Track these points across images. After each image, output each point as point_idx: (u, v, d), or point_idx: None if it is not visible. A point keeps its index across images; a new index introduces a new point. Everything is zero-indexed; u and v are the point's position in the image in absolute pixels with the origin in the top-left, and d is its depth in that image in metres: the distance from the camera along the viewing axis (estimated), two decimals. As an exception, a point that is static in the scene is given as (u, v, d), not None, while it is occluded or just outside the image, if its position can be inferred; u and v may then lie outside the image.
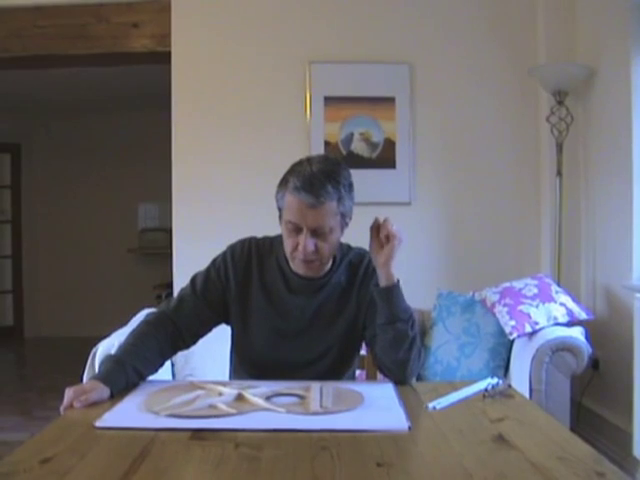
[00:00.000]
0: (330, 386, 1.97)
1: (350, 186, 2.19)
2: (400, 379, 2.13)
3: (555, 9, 4.76)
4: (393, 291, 2.14)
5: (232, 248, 2.36)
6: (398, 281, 2.16)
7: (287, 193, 2.14)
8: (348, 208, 2.19)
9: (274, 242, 2.36)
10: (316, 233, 2.12)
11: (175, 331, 2.24)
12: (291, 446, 1.51)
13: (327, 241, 2.15)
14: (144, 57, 5.06)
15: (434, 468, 1.44)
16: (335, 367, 2.33)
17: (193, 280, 2.35)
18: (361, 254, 2.37)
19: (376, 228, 2.15)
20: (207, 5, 4.85)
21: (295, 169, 2.16)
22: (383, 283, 2.15)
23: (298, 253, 2.15)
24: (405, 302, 2.18)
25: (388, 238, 2.10)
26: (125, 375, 1.99)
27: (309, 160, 2.17)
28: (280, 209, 2.21)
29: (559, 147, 4.53)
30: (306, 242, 2.11)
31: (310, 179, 2.08)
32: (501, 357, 3.98)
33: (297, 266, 2.21)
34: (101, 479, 1.34)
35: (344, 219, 2.20)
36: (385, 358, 2.17)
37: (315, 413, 1.73)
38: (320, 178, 2.09)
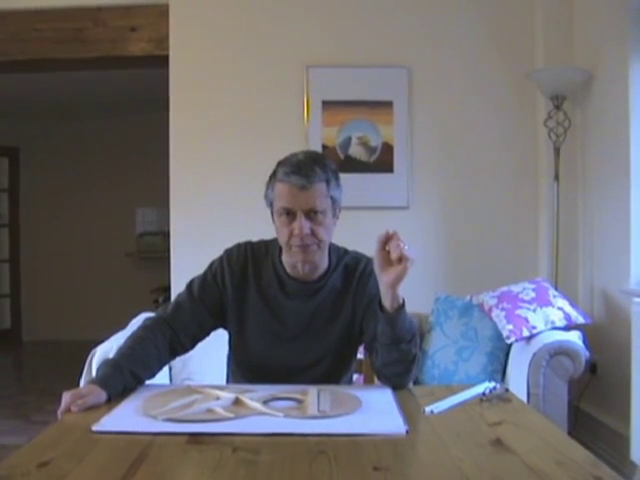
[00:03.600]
0: (328, 390, 1.97)
1: (336, 173, 2.24)
2: (398, 387, 2.12)
3: (553, 13, 4.77)
4: (399, 315, 2.06)
5: (228, 252, 2.37)
6: (404, 301, 2.08)
7: (276, 182, 2.18)
8: (337, 195, 2.24)
9: (269, 246, 2.37)
10: (309, 216, 2.15)
11: (173, 336, 2.24)
12: (289, 450, 1.51)
13: (321, 224, 2.17)
14: (142, 61, 5.07)
15: (432, 472, 1.44)
16: (332, 371, 2.33)
17: (190, 285, 2.36)
18: (357, 258, 2.37)
19: (384, 242, 2.02)
20: (205, 9, 4.86)
21: (281, 162, 2.21)
22: (388, 305, 2.06)
23: (294, 238, 2.16)
24: (409, 320, 2.11)
25: (400, 259, 1.98)
26: (122, 379, 1.99)
27: (294, 153, 2.21)
28: (271, 203, 2.24)
29: (557, 151, 4.54)
30: (301, 223, 2.13)
31: (298, 164, 2.15)
32: (499, 361, 3.98)
33: (294, 256, 2.20)
34: (98, 483, 1.35)
35: (335, 205, 2.23)
36: (386, 371, 2.14)
37: (313, 417, 1.73)
38: (307, 162, 2.16)
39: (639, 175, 4.03)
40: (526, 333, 3.83)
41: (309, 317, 2.28)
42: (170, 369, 3.67)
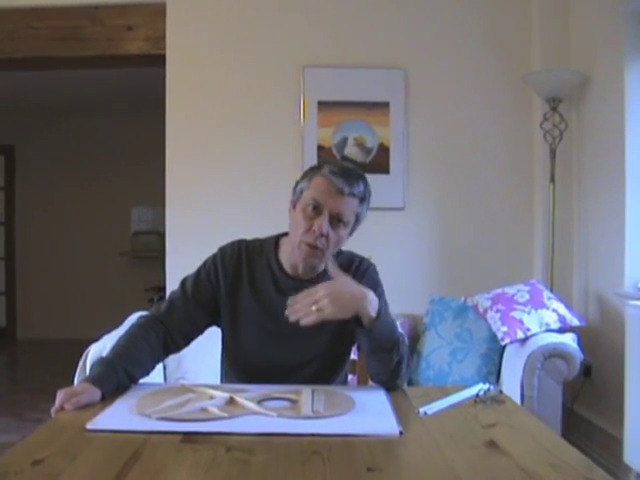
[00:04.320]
0: (322, 390, 1.97)
1: (370, 197, 2.26)
2: (391, 390, 2.12)
3: (550, 16, 4.77)
4: (373, 329, 2.04)
5: (222, 250, 2.37)
6: (379, 313, 2.04)
7: (318, 176, 2.19)
8: (362, 215, 2.27)
9: (264, 244, 2.37)
10: (332, 221, 2.16)
11: (166, 334, 2.24)
12: (282, 450, 1.51)
13: (338, 234, 2.18)
14: (138, 60, 5.06)
15: (425, 473, 1.44)
16: (326, 370, 2.33)
17: (183, 283, 2.35)
18: (351, 257, 2.38)
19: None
20: (202, 9, 4.86)
21: (330, 160, 2.24)
22: (365, 322, 2.04)
23: (309, 234, 2.16)
24: (389, 329, 2.09)
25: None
26: (116, 378, 1.99)
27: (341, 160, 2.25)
28: (301, 192, 2.23)
29: (552, 153, 4.54)
30: (323, 223, 2.14)
31: (347, 170, 2.19)
32: (493, 363, 3.98)
33: (301, 252, 2.20)
34: (92, 482, 1.34)
35: (356, 224, 2.26)
36: (375, 377, 2.17)
37: (306, 417, 1.73)
38: (355, 173, 2.21)
39: (634, 178, 4.05)
40: (520, 335, 3.83)
41: (302, 315, 2.28)
42: (164, 368, 3.66)
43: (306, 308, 1.95)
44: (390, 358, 2.09)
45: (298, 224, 2.19)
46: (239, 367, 2.36)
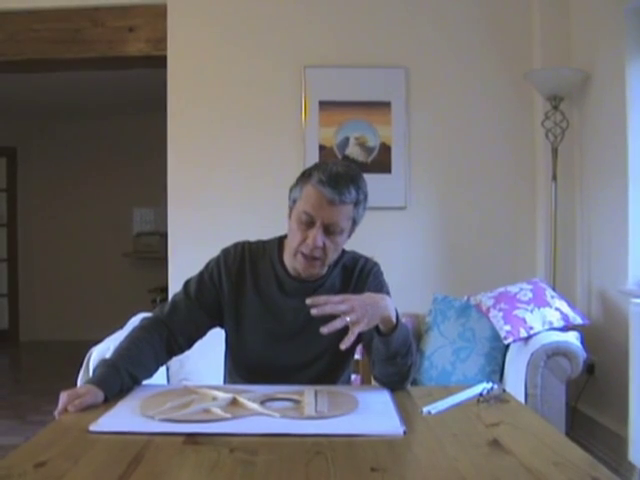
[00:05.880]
0: (325, 390, 1.97)
1: (366, 196, 2.24)
2: (396, 390, 2.11)
3: (550, 14, 4.77)
4: (393, 336, 2.03)
5: (225, 252, 2.36)
6: (397, 320, 2.04)
7: (308, 185, 2.16)
8: (360, 216, 2.25)
9: (267, 245, 2.37)
10: (327, 231, 2.14)
11: (169, 336, 2.23)
12: (286, 451, 1.51)
13: (334, 242, 2.17)
14: (140, 61, 5.06)
15: (429, 473, 1.44)
16: (329, 370, 2.32)
17: (186, 285, 2.35)
18: (355, 258, 2.37)
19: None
20: (203, 10, 4.86)
21: (320, 166, 2.19)
22: (382, 328, 2.02)
23: (304, 246, 2.15)
24: (403, 334, 2.07)
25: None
26: (119, 379, 1.98)
27: (334, 162, 2.21)
28: (295, 201, 2.22)
29: (554, 152, 4.54)
30: (317, 235, 2.12)
31: (336, 177, 2.13)
32: (496, 362, 3.98)
33: (298, 262, 2.20)
34: (95, 484, 1.34)
35: (354, 226, 2.24)
36: (383, 379, 2.15)
37: (310, 417, 1.73)
38: (345, 178, 2.14)
39: (636, 175, 4.04)
40: (524, 334, 3.83)
41: (307, 316, 2.26)
42: (167, 369, 3.66)
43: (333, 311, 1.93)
44: (404, 362, 2.09)
45: (294, 234, 2.19)
46: (242, 368, 2.36)
